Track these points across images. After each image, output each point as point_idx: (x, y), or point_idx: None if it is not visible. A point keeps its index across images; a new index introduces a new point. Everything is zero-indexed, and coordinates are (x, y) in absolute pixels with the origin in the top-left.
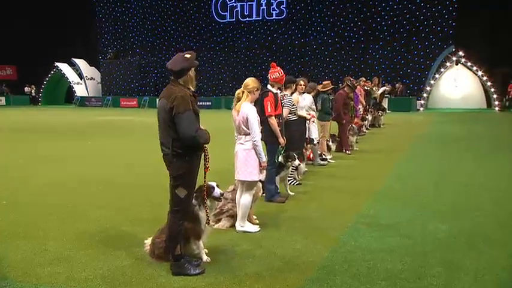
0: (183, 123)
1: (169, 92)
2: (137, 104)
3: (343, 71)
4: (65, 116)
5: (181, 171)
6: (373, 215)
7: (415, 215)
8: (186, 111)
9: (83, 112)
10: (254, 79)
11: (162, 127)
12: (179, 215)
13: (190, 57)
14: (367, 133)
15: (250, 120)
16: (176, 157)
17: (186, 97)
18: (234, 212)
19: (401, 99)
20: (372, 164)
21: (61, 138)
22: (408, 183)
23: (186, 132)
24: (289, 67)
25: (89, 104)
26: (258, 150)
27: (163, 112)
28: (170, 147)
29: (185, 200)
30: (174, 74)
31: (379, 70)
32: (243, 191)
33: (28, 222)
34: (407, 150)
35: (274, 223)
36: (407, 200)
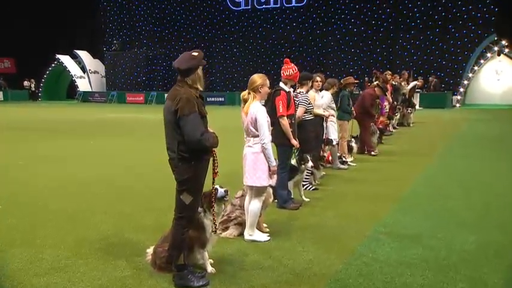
0: (188, 125)
1: (175, 93)
2: (144, 99)
3: (370, 63)
4: (67, 113)
5: (186, 175)
6: (394, 223)
7: (440, 224)
8: (191, 113)
9: (85, 108)
10: (260, 74)
11: (167, 130)
12: (184, 222)
13: (198, 56)
14: (394, 133)
15: (259, 121)
16: (182, 161)
17: (191, 98)
18: (242, 220)
19: (434, 94)
20: (397, 167)
21: (62, 137)
22: (436, 189)
23: (191, 135)
24: (310, 59)
25: (93, 100)
26: (267, 153)
27: (168, 114)
28: (176, 150)
29: (190, 207)
30: (181, 73)
31: (410, 62)
32: (251, 197)
33: (26, 228)
34: (438, 152)
35: (285, 232)
36: (433, 207)
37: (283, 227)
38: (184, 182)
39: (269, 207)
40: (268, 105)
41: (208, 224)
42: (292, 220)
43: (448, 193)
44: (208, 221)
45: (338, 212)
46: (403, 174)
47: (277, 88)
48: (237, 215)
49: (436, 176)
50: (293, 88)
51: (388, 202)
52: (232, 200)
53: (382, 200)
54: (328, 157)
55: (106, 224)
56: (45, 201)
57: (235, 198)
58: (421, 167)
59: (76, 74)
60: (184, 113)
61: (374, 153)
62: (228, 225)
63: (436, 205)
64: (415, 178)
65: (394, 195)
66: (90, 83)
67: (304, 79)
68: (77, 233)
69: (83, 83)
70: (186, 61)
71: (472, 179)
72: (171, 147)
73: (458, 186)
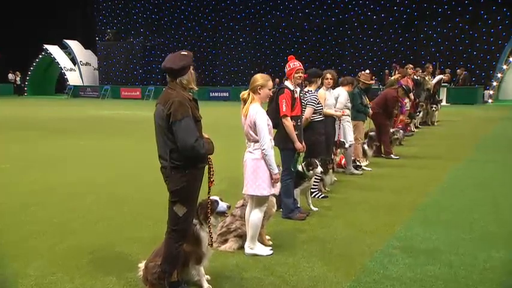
0: (181, 131)
1: (166, 96)
2: (140, 95)
3: (390, 55)
4: (55, 109)
5: (179, 185)
6: (410, 237)
7: (462, 238)
8: (185, 117)
9: (76, 105)
10: (262, 75)
11: (159, 136)
12: (177, 236)
13: (188, 54)
14: (416, 133)
15: (258, 124)
16: (174, 170)
17: (184, 102)
18: (243, 232)
19: (464, 89)
20: (417, 173)
21: (49, 138)
22: (459, 198)
23: (184, 142)
24: (324, 50)
25: (84, 95)
26: (268, 160)
27: (159, 119)
28: (168, 158)
29: (184, 219)
30: (174, 73)
31: (436, 53)
32: (252, 207)
33: (10, 241)
34: (464, 156)
35: (290, 245)
36: (455, 219)
37: (288, 239)
38: (178, 192)
39: (273, 218)
40: (272, 106)
41: (205, 236)
42: (297, 232)
43: (473, 203)
44: (204, 234)
45: (349, 223)
46: (423, 181)
47: (282, 86)
48: (237, 226)
49: (461, 184)
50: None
51: (404, 212)
52: (232, 210)
53: (398, 210)
54: (340, 161)
55: (96, 234)
56: (31, 209)
57: (236, 208)
58: (444, 172)
59: (65, 66)
60: (177, 118)
61: (394, 156)
62: (227, 238)
63: (459, 217)
64: (437, 185)
65: (411, 204)
66: (81, 76)
67: (312, 76)
68: (64, 245)
69: (73, 76)
70: (179, 60)
71: (502, 188)
72: (162, 155)
73: (485, 196)
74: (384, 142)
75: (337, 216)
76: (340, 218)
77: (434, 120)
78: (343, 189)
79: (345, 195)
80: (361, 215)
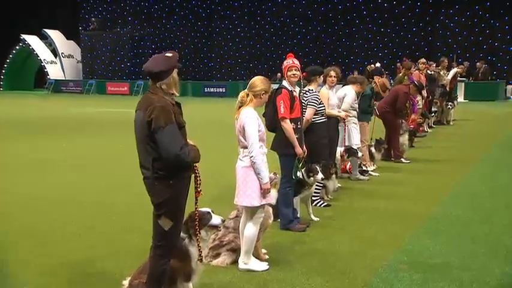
0: (164, 139)
1: (147, 101)
2: (129, 90)
3: (403, 46)
4: (34, 106)
5: (164, 197)
6: (419, 250)
7: (476, 251)
8: (168, 124)
9: (57, 101)
10: (263, 78)
11: (140, 145)
12: (163, 252)
13: (172, 57)
14: (430, 133)
15: (248, 130)
16: (158, 180)
17: (166, 107)
18: (236, 245)
19: (483, 84)
20: (428, 178)
21: (27, 139)
22: (474, 207)
23: (167, 151)
24: (330, 41)
25: (66, 90)
26: (257, 168)
27: (140, 127)
28: (151, 168)
29: (170, 233)
30: (153, 77)
31: (454, 44)
32: (246, 220)
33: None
34: (481, 158)
35: (288, 259)
36: (468, 231)
37: (286, 253)
38: (162, 204)
39: (269, 229)
40: (270, 107)
41: (194, 251)
42: (296, 244)
43: (489, 214)
44: (193, 249)
45: (352, 234)
46: (435, 188)
47: (280, 86)
48: (230, 239)
49: (476, 191)
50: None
51: (413, 223)
52: (225, 222)
53: (406, 221)
54: (345, 166)
55: (81, 248)
56: (7, 220)
57: (229, 219)
58: (459, 178)
59: (46, 59)
60: (159, 125)
61: (405, 160)
62: (219, 252)
63: (472, 228)
64: (450, 193)
65: (421, 214)
66: (63, 70)
67: (312, 74)
68: (45, 260)
69: (54, 69)
70: (160, 62)
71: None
72: (145, 165)
73: (503, 206)
74: (394, 144)
75: (339, 227)
76: (343, 229)
77: (450, 119)
78: (347, 196)
79: (348, 204)
80: (366, 225)
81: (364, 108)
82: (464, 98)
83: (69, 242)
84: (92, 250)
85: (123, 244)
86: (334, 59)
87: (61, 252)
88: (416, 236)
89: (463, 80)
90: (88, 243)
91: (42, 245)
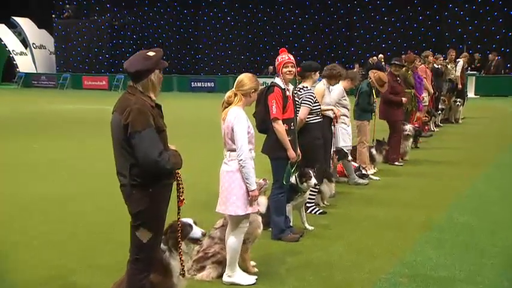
0: (142, 144)
1: (124, 103)
2: (107, 84)
3: (408, 37)
4: (2, 102)
5: (142, 207)
6: (421, 262)
7: (482, 263)
8: (146, 128)
9: (28, 97)
10: (251, 76)
11: (116, 150)
12: (141, 266)
13: (154, 56)
14: (436, 132)
15: (237, 131)
16: (136, 188)
17: (144, 109)
18: (223, 257)
19: (496, 78)
20: (433, 183)
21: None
22: (481, 215)
23: (145, 156)
24: (329, 30)
25: (38, 85)
26: (245, 173)
27: (117, 130)
28: (127, 175)
29: (149, 246)
30: (130, 76)
31: (464, 34)
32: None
33: None
34: (491, 161)
35: (279, 272)
36: (474, 240)
37: (277, 265)
38: (140, 214)
39: (260, 239)
40: (260, 107)
41: (176, 265)
42: (288, 256)
43: (498, 222)
44: (175, 262)
45: (350, 244)
46: (440, 193)
47: (271, 84)
48: (216, 250)
49: (484, 197)
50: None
51: (415, 232)
52: (210, 231)
53: (408, 229)
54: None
55: (50, 262)
56: None
57: (215, 229)
58: (466, 183)
59: (15, 50)
60: (136, 129)
61: (398, 163)
62: (204, 264)
63: (479, 238)
64: (456, 199)
65: (425, 222)
66: (34, 62)
67: (307, 70)
68: (11, 276)
69: (25, 61)
70: (137, 62)
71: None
72: (121, 171)
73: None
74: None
75: (336, 237)
76: (340, 238)
77: (459, 117)
78: (344, 203)
79: (346, 211)
80: (364, 235)
81: (364, 106)
82: (475, 93)
83: (35, 257)
84: (63, 264)
85: (98, 257)
86: (333, 50)
87: (27, 267)
88: (419, 246)
89: (473, 73)
90: (59, 256)
91: (9, 257)
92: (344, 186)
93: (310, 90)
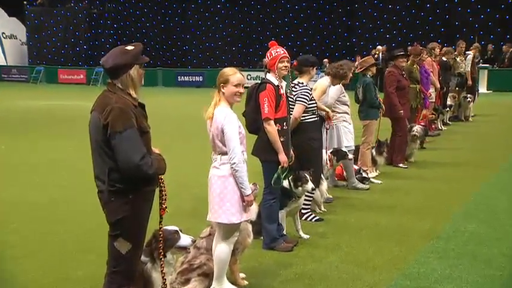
0: (122, 146)
1: (104, 101)
2: (85, 78)
3: (415, 26)
4: None
5: (121, 215)
6: (424, 273)
7: (490, 275)
8: (127, 128)
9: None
10: (228, 69)
11: (95, 153)
12: (120, 279)
13: (132, 50)
14: (444, 131)
15: (227, 132)
16: (115, 195)
17: (126, 109)
18: (209, 269)
19: (510, 71)
20: (441, 188)
21: None
22: (491, 222)
23: (126, 160)
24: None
25: (8, 78)
26: (239, 177)
27: (95, 131)
28: (106, 180)
29: (128, 257)
30: (107, 73)
31: (475, 24)
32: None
33: None
34: (503, 163)
35: (271, 285)
36: (483, 250)
37: (269, 277)
38: (119, 223)
39: (250, 249)
40: (251, 105)
41: (157, 278)
42: (281, 267)
43: (507, 230)
44: (157, 275)
45: (347, 255)
46: (446, 199)
47: (264, 81)
48: (202, 262)
49: (495, 203)
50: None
51: (418, 241)
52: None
53: (410, 238)
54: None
55: (20, 274)
56: None
57: (201, 238)
58: (474, 187)
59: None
60: (117, 129)
61: (403, 165)
62: (189, 277)
63: (489, 248)
64: (464, 205)
65: (429, 230)
66: (3, 54)
67: (304, 65)
68: None
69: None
70: (114, 56)
71: None
72: (100, 176)
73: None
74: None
75: (333, 246)
76: (337, 248)
77: (469, 114)
78: (343, 209)
79: (345, 218)
80: (363, 244)
81: (371, 101)
82: (487, 88)
83: (8, 267)
84: (37, 276)
85: (75, 268)
86: (332, 41)
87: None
88: (422, 257)
89: (485, 66)
90: (33, 267)
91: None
92: (343, 191)
93: (306, 86)
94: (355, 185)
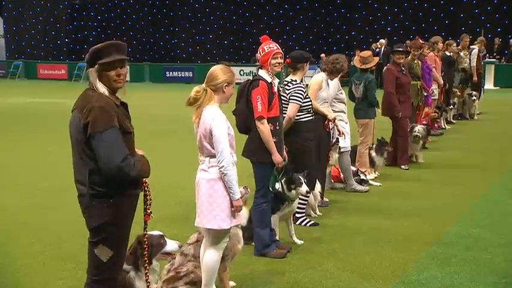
0: (103, 147)
1: (84, 100)
2: (67, 74)
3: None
4: None
5: (102, 220)
6: (424, 281)
7: (493, 283)
8: (108, 128)
9: None
10: (223, 67)
11: (75, 153)
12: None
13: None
14: (448, 130)
15: (216, 134)
16: (95, 199)
17: (107, 108)
18: (197, 277)
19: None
20: (444, 190)
21: None
22: (496, 227)
23: (107, 161)
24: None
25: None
26: (228, 181)
27: (75, 131)
28: (87, 183)
29: (110, 265)
30: None
31: (481, 16)
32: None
33: None
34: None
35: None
36: (486, 257)
37: (260, 285)
38: (100, 229)
39: (241, 255)
40: (242, 104)
41: (142, 287)
42: (273, 275)
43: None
44: (140, 283)
45: (344, 261)
46: (449, 202)
47: (256, 77)
48: (189, 269)
49: (499, 207)
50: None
51: (419, 247)
52: (182, 248)
53: (410, 244)
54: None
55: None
56: None
57: (188, 245)
58: (478, 190)
59: None
60: (97, 129)
61: (405, 166)
62: (176, 285)
63: (493, 254)
64: (468, 209)
65: (430, 235)
66: None
67: (298, 61)
68: None
69: None
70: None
71: None
72: (80, 179)
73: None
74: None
75: (328, 253)
76: (333, 254)
77: (474, 112)
78: (340, 213)
79: (341, 222)
80: (361, 250)
81: (372, 99)
82: (494, 84)
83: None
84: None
85: (52, 277)
86: (330, 34)
87: None
88: (423, 264)
89: (492, 61)
90: (7, 276)
91: None
92: (340, 194)
93: (300, 84)
94: (354, 187)
